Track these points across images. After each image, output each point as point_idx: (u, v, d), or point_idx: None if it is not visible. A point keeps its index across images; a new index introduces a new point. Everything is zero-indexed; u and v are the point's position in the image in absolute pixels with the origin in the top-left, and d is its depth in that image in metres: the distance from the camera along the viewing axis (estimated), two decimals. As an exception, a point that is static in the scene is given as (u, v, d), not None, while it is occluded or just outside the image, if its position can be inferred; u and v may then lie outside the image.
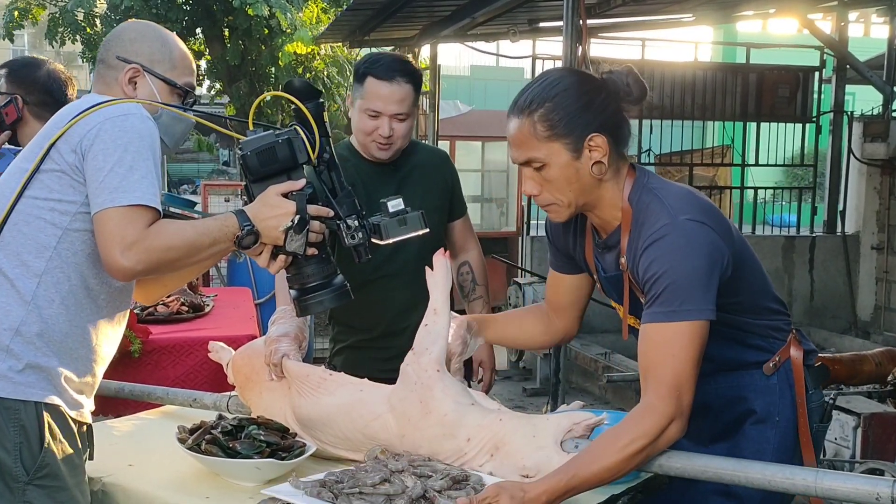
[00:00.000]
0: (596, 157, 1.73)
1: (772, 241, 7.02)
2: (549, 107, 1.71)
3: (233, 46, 11.42)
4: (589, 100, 1.73)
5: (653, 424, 1.60)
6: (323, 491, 1.62)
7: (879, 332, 6.50)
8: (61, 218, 1.72)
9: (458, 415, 1.72)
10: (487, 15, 6.18)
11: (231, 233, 1.73)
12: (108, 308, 1.82)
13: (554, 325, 2.09)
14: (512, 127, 1.76)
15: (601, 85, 1.77)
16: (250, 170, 1.78)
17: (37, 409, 1.68)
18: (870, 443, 2.80)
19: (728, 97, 7.16)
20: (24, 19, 12.36)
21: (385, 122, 2.42)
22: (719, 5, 6.39)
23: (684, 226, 1.68)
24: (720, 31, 14.65)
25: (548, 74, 1.80)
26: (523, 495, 1.54)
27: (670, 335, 1.64)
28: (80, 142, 1.68)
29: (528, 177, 1.78)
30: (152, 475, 1.92)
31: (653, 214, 1.72)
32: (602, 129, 1.72)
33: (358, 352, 2.61)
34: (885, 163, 6.44)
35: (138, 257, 1.62)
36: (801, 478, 1.49)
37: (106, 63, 1.90)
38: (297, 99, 1.80)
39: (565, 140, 1.71)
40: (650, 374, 1.66)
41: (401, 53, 5.22)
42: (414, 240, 2.53)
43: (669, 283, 1.64)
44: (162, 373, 3.27)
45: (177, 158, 16.94)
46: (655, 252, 1.67)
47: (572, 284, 2.03)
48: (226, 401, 2.25)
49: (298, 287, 1.84)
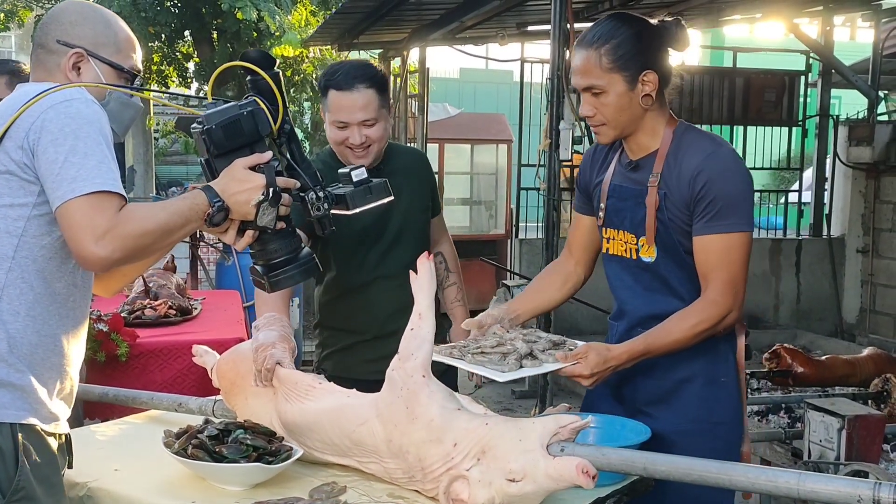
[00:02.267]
0: (647, 90, 2.03)
1: (759, 243, 7.05)
2: (614, 43, 2.00)
3: (221, 49, 11.38)
4: (648, 42, 2.03)
5: (716, 313, 1.98)
6: (453, 351, 1.95)
7: (865, 335, 6.55)
8: (15, 224, 1.63)
9: (445, 420, 1.72)
10: (476, 18, 6.19)
11: (202, 211, 1.67)
12: (76, 309, 1.75)
13: (570, 273, 2.34)
14: (579, 57, 2.04)
15: (657, 31, 2.06)
16: (215, 144, 1.72)
17: (11, 430, 1.62)
18: (854, 445, 2.81)
19: (715, 101, 7.19)
20: (11, 21, 12.30)
21: (354, 131, 2.40)
22: (707, 9, 6.43)
23: (730, 152, 2.06)
24: (708, 35, 14.72)
25: (614, 16, 2.07)
26: (608, 353, 1.93)
27: (728, 244, 1.99)
28: (26, 136, 1.59)
29: (586, 101, 2.07)
30: (138, 479, 1.91)
31: (697, 142, 2.06)
32: (654, 68, 2.03)
33: (349, 355, 2.60)
34: (870, 166, 6.48)
35: (114, 245, 1.54)
36: (784, 480, 1.51)
37: (46, 48, 1.79)
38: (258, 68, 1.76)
39: (625, 73, 2.00)
40: (711, 276, 2.00)
41: (362, 59, 5.14)
42: (405, 242, 2.55)
43: (727, 201, 1.98)
44: (149, 377, 3.26)
45: (165, 161, 16.86)
46: (713, 173, 1.99)
47: (591, 225, 2.28)
48: (211, 405, 2.25)
49: (263, 263, 1.80)
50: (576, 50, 2.05)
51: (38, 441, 1.66)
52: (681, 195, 2.03)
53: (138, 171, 12.33)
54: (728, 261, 1.99)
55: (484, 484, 1.65)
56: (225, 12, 10.40)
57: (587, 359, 1.90)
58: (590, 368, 1.90)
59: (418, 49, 8.41)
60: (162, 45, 11.76)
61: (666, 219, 2.06)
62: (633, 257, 2.13)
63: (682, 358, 2.06)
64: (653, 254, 2.09)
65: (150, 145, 13.00)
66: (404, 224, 2.56)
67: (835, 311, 6.88)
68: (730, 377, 2.12)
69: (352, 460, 1.89)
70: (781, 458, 3.46)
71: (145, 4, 10.70)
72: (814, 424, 2.93)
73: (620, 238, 2.15)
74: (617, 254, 2.17)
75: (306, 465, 1.95)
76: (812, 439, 2.94)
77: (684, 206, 2.03)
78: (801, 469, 2.56)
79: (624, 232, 2.14)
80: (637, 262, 2.12)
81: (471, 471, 1.68)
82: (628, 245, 2.14)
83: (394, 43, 8.40)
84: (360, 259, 2.53)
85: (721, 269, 1.99)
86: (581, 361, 1.91)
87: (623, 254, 2.15)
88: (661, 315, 2.05)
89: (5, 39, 13.44)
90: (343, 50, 8.56)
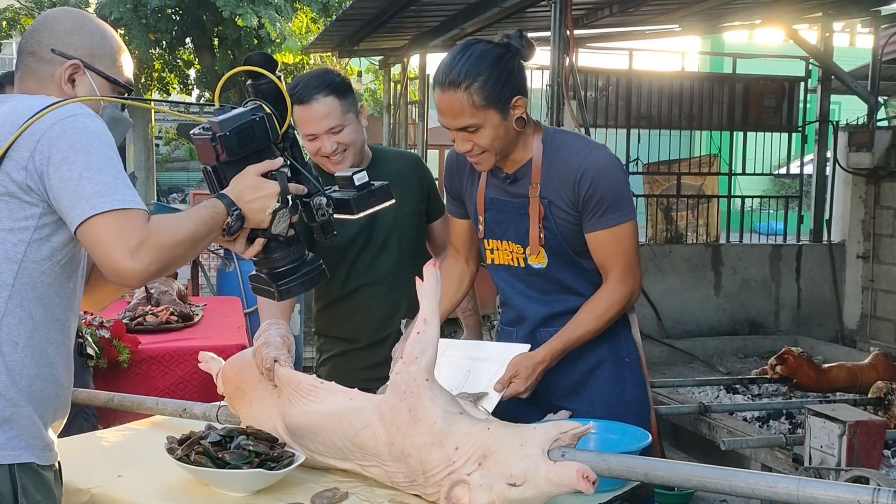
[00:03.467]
0: (518, 113, 2.07)
1: (759, 249, 7.06)
2: (482, 80, 2.00)
3: (222, 56, 11.43)
4: (510, 69, 2.05)
5: (620, 297, 2.12)
6: None
7: (866, 341, 6.54)
8: (15, 250, 1.55)
9: (447, 423, 1.73)
10: (476, 25, 6.21)
11: (221, 219, 1.63)
12: (69, 334, 1.69)
13: (463, 271, 2.40)
14: (446, 98, 2.03)
15: (511, 51, 2.08)
16: (229, 151, 1.67)
17: (10, 471, 1.56)
18: (855, 450, 2.82)
19: (715, 107, 7.20)
20: (13, 29, 12.34)
21: (324, 140, 2.40)
22: (706, 16, 6.44)
23: (603, 148, 2.16)
24: (707, 41, 14.74)
25: (470, 49, 2.05)
26: (532, 360, 2.06)
27: (620, 234, 2.10)
28: (31, 156, 1.51)
29: (460, 139, 2.08)
30: (141, 486, 1.92)
31: (569, 144, 2.13)
32: (521, 91, 2.07)
33: (343, 361, 2.62)
34: (871, 172, 6.48)
35: (150, 257, 1.49)
36: (784, 486, 1.51)
37: (37, 56, 1.69)
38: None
39: (497, 106, 2.03)
40: (609, 265, 2.12)
41: (321, 67, 5.02)
42: (392, 247, 2.55)
43: (613, 196, 2.08)
44: (151, 383, 3.27)
45: (167, 167, 16.89)
46: (595, 173, 2.07)
47: (468, 226, 2.33)
48: (215, 411, 2.26)
49: (268, 272, 1.76)
50: (438, 91, 2.04)
51: (35, 479, 1.61)
52: (566, 198, 2.10)
53: (139, 178, 12.37)
54: (623, 250, 2.11)
55: (485, 488, 1.66)
56: (226, 19, 10.45)
57: (518, 376, 2.05)
58: (524, 383, 2.05)
59: (418, 56, 8.44)
60: (163, 53, 11.80)
61: (553, 226, 2.12)
62: (522, 265, 2.19)
63: (585, 348, 2.15)
64: (543, 260, 2.15)
65: (151, 152, 13.03)
66: (392, 230, 2.56)
67: (835, 317, 6.87)
68: (632, 356, 2.24)
69: (354, 464, 1.89)
70: (782, 464, 3.46)
71: (146, 11, 10.74)
72: (815, 430, 2.94)
73: (505, 248, 2.21)
74: (504, 263, 2.22)
75: (308, 471, 1.95)
76: (813, 445, 2.95)
77: (570, 208, 2.10)
78: (802, 475, 2.56)
79: (508, 242, 2.20)
80: (527, 269, 2.18)
81: (472, 475, 1.69)
82: (514, 255, 2.19)
83: (394, 50, 8.42)
84: (347, 266, 2.54)
85: (618, 258, 2.11)
86: (514, 381, 2.04)
87: (510, 263, 2.21)
88: (561, 313, 2.16)
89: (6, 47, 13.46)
90: (343, 57, 8.59)
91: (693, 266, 6.62)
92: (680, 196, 7.14)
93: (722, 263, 6.70)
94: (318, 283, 1.83)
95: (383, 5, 6.33)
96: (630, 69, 6.93)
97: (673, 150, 7.32)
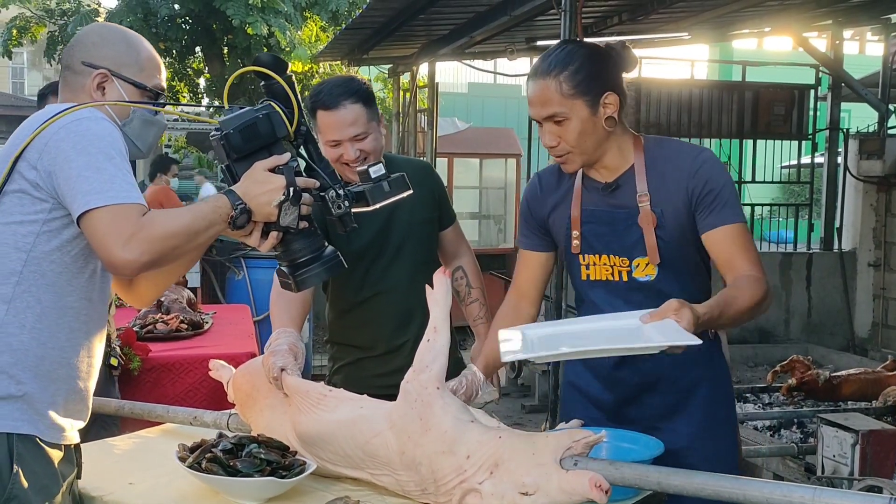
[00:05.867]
0: (609, 112, 2.01)
1: (769, 257, 7.03)
2: (572, 69, 1.97)
3: (232, 65, 11.45)
4: (603, 65, 2.02)
5: (762, 289, 1.97)
6: None
7: (877, 349, 6.50)
8: (24, 240, 1.68)
9: (458, 432, 1.72)
10: (485, 34, 6.22)
11: (225, 213, 1.69)
12: (89, 323, 1.79)
13: (520, 313, 2.25)
14: (537, 87, 2.00)
15: (608, 53, 2.06)
16: (234, 148, 1.75)
17: (7, 440, 1.66)
18: (868, 460, 2.80)
19: (724, 114, 7.18)
20: (24, 37, 12.40)
21: (348, 147, 2.40)
22: (715, 24, 6.44)
23: (710, 152, 2.12)
24: (716, 49, 14.76)
25: (565, 45, 2.06)
26: (691, 309, 1.80)
27: (742, 231, 2.03)
28: (40, 157, 1.66)
29: (548, 131, 2.02)
30: (153, 493, 1.92)
31: (678, 149, 2.10)
32: (614, 89, 2.01)
33: (358, 369, 2.61)
34: (881, 180, 6.46)
35: (141, 248, 1.58)
36: (799, 495, 1.50)
37: (71, 69, 1.86)
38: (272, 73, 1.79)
39: (586, 97, 1.98)
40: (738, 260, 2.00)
41: (345, 74, 5.09)
42: (406, 255, 2.55)
43: (728, 192, 2.02)
44: (161, 390, 3.28)
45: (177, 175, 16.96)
46: (710, 170, 2.02)
47: (541, 261, 2.26)
48: (226, 419, 2.26)
49: (288, 263, 1.82)
50: (531, 81, 2.02)
51: (36, 451, 1.69)
52: (678, 203, 2.03)
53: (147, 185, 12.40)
54: (746, 245, 2.02)
55: (496, 497, 1.65)
56: (235, 28, 10.48)
57: (680, 314, 1.75)
58: (686, 321, 1.75)
59: (427, 64, 8.45)
60: (173, 62, 11.85)
61: (666, 235, 2.04)
62: (624, 279, 2.09)
63: (684, 369, 2.08)
64: (652, 272, 2.06)
65: (161, 160, 13.05)
66: (406, 238, 2.56)
67: (846, 326, 6.84)
68: (724, 374, 2.19)
69: (365, 473, 1.89)
70: (794, 474, 3.44)
71: (156, 21, 10.79)
72: (827, 439, 2.92)
73: (604, 262, 2.11)
74: (601, 279, 2.12)
75: (319, 480, 1.95)
76: (825, 454, 2.93)
77: (685, 211, 2.03)
78: (815, 484, 2.54)
79: (609, 256, 2.10)
80: (630, 282, 2.08)
81: (483, 484, 1.69)
82: (616, 268, 2.09)
83: (403, 58, 8.43)
84: (361, 274, 2.54)
85: (745, 251, 2.01)
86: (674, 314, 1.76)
87: (610, 277, 2.11)
88: None
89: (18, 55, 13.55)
90: (353, 65, 8.60)
91: (703, 274, 6.60)
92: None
93: (732, 272, 6.67)
94: (335, 273, 1.86)
95: (393, 14, 6.34)
96: (639, 77, 6.93)
97: (682, 157, 7.31)
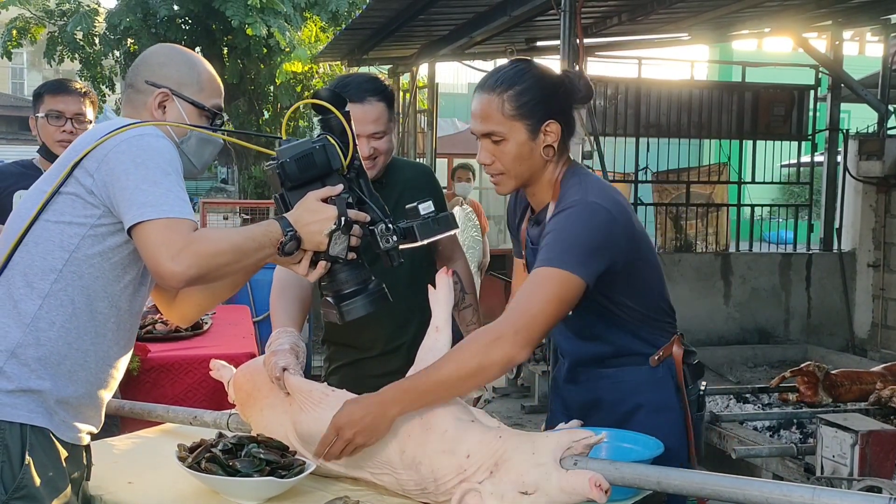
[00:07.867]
0: (549, 140, 1.95)
1: (769, 258, 7.03)
2: (518, 89, 1.92)
3: (231, 65, 11.47)
4: (552, 91, 1.95)
5: (502, 356, 1.75)
6: None
7: (877, 350, 6.50)
8: (70, 241, 1.73)
9: (459, 431, 1.73)
10: (485, 34, 6.23)
11: (275, 238, 1.73)
12: (116, 332, 1.81)
13: None
14: (480, 101, 1.95)
15: (560, 81, 1.99)
16: (289, 177, 1.80)
17: (21, 430, 1.69)
18: (867, 460, 2.80)
19: (724, 115, 7.18)
20: (23, 38, 12.41)
21: (363, 143, 2.40)
22: (715, 24, 6.44)
23: (590, 204, 1.88)
24: (716, 49, 14.75)
25: (518, 63, 1.99)
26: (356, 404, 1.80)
27: (544, 277, 1.81)
28: (98, 167, 1.70)
29: (484, 148, 1.98)
30: (152, 493, 1.93)
31: (569, 193, 1.94)
32: (558, 118, 1.95)
33: (355, 370, 2.60)
34: (881, 180, 6.45)
35: (189, 261, 1.61)
36: (798, 495, 1.50)
37: (135, 87, 1.92)
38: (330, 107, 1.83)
39: (527, 121, 1.93)
40: (515, 304, 1.82)
41: (371, 73, 5.17)
42: (405, 256, 2.54)
43: (556, 238, 1.84)
44: (160, 391, 3.27)
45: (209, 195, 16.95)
46: (558, 219, 1.88)
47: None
48: (226, 419, 2.26)
49: (334, 294, 1.85)
50: (476, 93, 1.98)
51: (47, 445, 1.72)
52: None
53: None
54: (537, 295, 1.79)
55: (496, 497, 1.66)
56: (235, 29, 10.49)
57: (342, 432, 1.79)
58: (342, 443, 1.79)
59: (427, 64, 8.45)
60: (173, 62, 11.84)
61: None
62: None
63: (626, 391, 2.06)
64: None
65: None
66: None
67: (846, 326, 6.83)
68: (672, 403, 2.08)
69: (365, 472, 1.89)
70: (794, 474, 3.44)
71: (155, 21, 10.80)
72: (826, 440, 2.92)
73: None
74: None
75: (319, 480, 1.95)
76: (825, 455, 2.93)
77: None
78: (815, 485, 2.54)
79: None
80: None
81: (483, 483, 1.69)
82: None
83: (403, 59, 8.44)
84: None
85: (528, 301, 1.79)
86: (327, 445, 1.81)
87: None
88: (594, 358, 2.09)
89: (18, 56, 13.54)
90: (353, 66, 8.61)
91: (702, 275, 6.60)
92: (689, 205, 7.12)
93: (731, 272, 6.68)
94: (380, 306, 1.88)
95: (393, 14, 6.35)
96: (639, 78, 6.92)
97: (682, 158, 7.31)
